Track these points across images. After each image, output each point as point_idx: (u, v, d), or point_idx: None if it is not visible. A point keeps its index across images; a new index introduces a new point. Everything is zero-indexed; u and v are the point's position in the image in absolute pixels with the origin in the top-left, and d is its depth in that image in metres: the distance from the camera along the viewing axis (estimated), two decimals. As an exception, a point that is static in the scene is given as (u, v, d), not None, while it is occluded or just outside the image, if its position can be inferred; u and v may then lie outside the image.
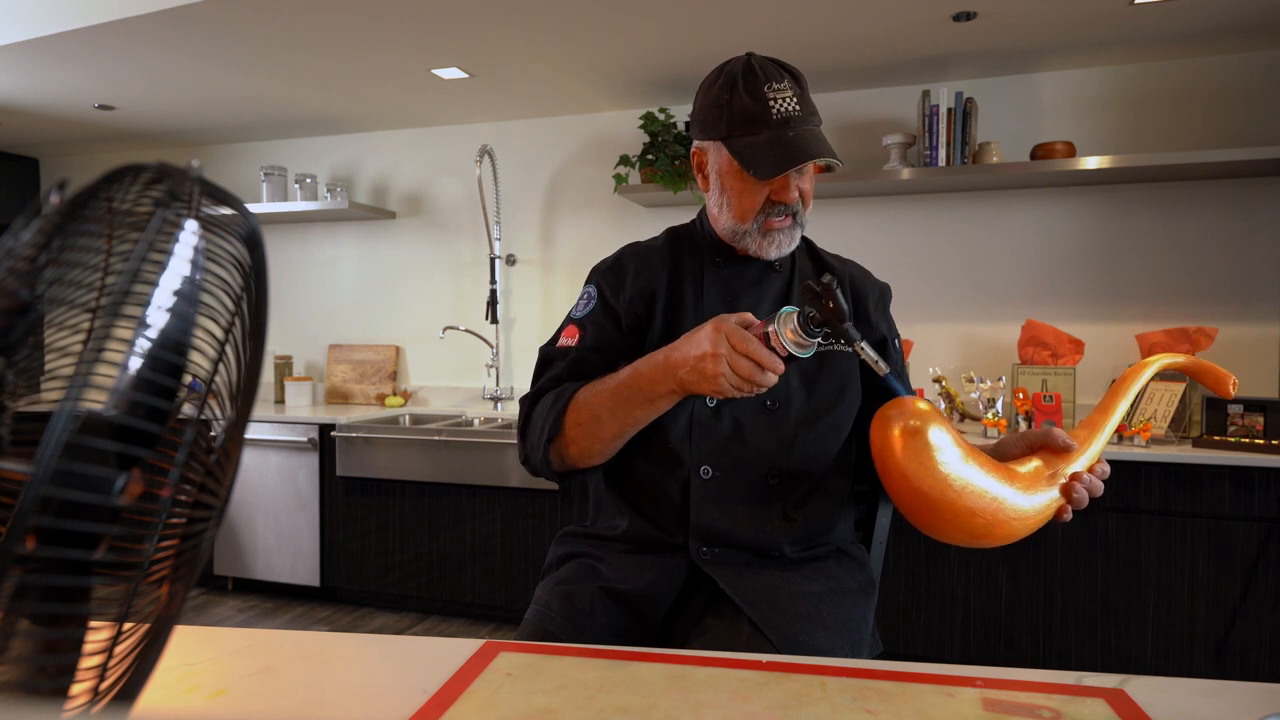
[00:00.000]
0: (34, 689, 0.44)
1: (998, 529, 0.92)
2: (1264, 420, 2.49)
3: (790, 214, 1.13)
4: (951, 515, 0.90)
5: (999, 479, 0.92)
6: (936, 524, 0.92)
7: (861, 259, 1.38)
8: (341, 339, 3.99)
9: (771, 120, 1.07)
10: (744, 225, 1.14)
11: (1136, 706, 0.71)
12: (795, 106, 1.08)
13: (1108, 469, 1.00)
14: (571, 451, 1.11)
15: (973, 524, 0.91)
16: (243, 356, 0.51)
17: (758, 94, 1.07)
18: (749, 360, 0.94)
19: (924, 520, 0.93)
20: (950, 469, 0.89)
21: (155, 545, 0.46)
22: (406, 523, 3.16)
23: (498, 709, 0.70)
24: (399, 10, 2.45)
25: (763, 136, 1.07)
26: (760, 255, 1.16)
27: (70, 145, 4.21)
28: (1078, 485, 0.95)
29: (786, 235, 1.14)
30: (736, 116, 1.08)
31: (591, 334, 1.18)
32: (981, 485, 0.91)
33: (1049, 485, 0.95)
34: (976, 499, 0.90)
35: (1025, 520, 0.93)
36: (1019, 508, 0.92)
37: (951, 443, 0.91)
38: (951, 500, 0.90)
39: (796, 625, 1.02)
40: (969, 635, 2.57)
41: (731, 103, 1.09)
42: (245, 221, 0.50)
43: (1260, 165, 2.59)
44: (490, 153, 3.56)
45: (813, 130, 1.09)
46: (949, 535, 0.93)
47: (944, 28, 2.55)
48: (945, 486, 0.89)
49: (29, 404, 0.47)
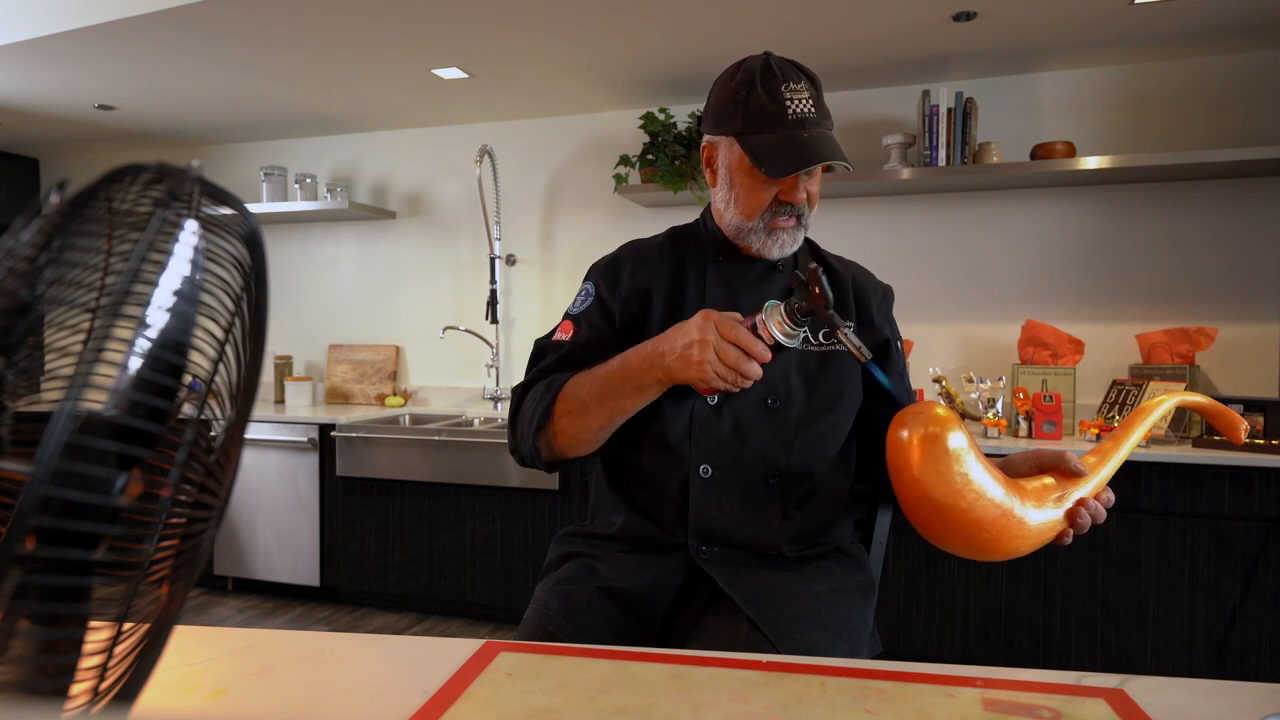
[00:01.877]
0: (34, 689, 0.44)
1: (1001, 544, 0.92)
2: (1264, 420, 2.49)
3: (796, 215, 1.13)
4: (959, 525, 0.90)
5: (1009, 494, 0.92)
6: (942, 532, 0.92)
7: (861, 259, 1.38)
8: (341, 339, 3.99)
9: (787, 120, 1.07)
10: (750, 223, 1.14)
11: (1136, 706, 0.71)
12: (810, 108, 1.08)
13: (1112, 497, 1.00)
14: (560, 440, 1.11)
15: (978, 537, 0.91)
16: (243, 356, 0.51)
17: (775, 93, 1.08)
18: (735, 348, 0.95)
19: (929, 526, 0.93)
20: (964, 479, 0.89)
21: (155, 545, 0.46)
22: (406, 523, 3.16)
23: (498, 709, 0.70)
24: (399, 10, 2.45)
25: (776, 135, 1.08)
26: (763, 254, 1.16)
27: (70, 145, 4.21)
28: (1083, 511, 0.96)
29: (790, 236, 1.15)
30: (752, 113, 1.09)
31: (585, 330, 1.18)
32: (992, 497, 0.91)
33: (1055, 506, 0.95)
34: (985, 511, 0.90)
35: (1028, 539, 0.93)
36: (1024, 525, 0.92)
37: (969, 452, 0.90)
38: (962, 510, 0.90)
39: (795, 624, 1.02)
40: (969, 635, 2.57)
41: (748, 99, 1.09)
42: (245, 221, 0.50)
43: (1260, 165, 2.59)
44: (490, 153, 3.56)
45: (825, 133, 1.10)
46: (952, 545, 0.94)
47: (944, 28, 2.55)
48: (958, 496, 0.89)
49: (29, 404, 0.47)
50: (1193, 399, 1.05)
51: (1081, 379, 2.92)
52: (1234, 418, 1.05)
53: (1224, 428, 1.05)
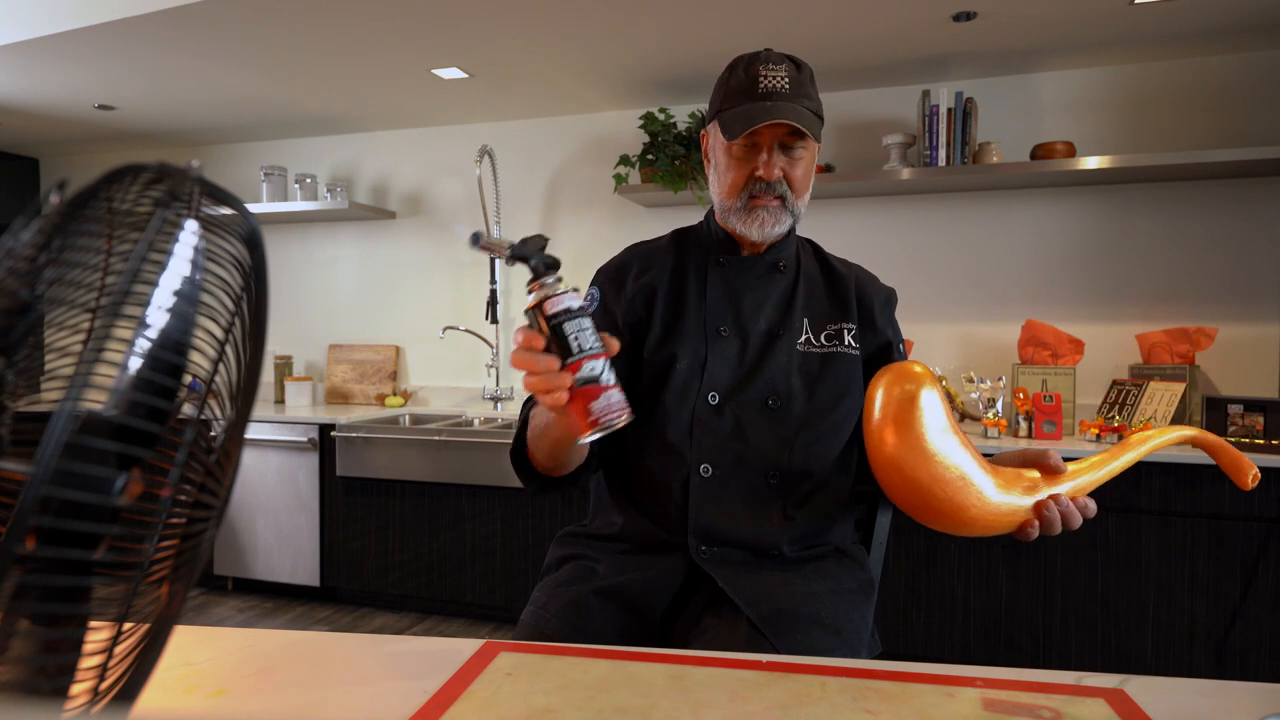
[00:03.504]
0: (34, 689, 0.44)
1: (956, 512, 0.89)
2: (1264, 420, 2.49)
3: (777, 196, 1.14)
4: (917, 482, 0.89)
5: (976, 465, 0.90)
6: (899, 486, 0.91)
7: (862, 259, 1.38)
8: (341, 339, 3.99)
9: (757, 93, 1.11)
10: (730, 202, 1.16)
11: (1136, 706, 0.71)
12: (784, 85, 1.11)
13: (1093, 508, 0.97)
14: (540, 466, 1.12)
15: (934, 495, 0.89)
16: (243, 356, 0.51)
17: (751, 72, 1.12)
18: (521, 350, 0.83)
19: (889, 480, 0.92)
20: (929, 435, 0.88)
21: (155, 545, 0.46)
22: (406, 523, 3.16)
23: (498, 709, 0.70)
24: (399, 10, 2.45)
25: (743, 107, 1.11)
26: (746, 236, 1.17)
27: (70, 145, 4.21)
28: (1051, 504, 0.93)
29: (771, 216, 1.14)
30: (730, 92, 1.14)
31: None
32: (955, 462, 0.89)
33: (1022, 494, 0.92)
34: (944, 472, 0.88)
35: (986, 514, 0.90)
36: (984, 498, 0.90)
37: (941, 412, 0.89)
38: (920, 465, 0.88)
39: (795, 625, 1.02)
40: (969, 635, 2.57)
41: (728, 81, 1.15)
42: (245, 221, 0.50)
43: (1260, 165, 2.59)
44: (490, 153, 3.56)
45: (793, 106, 1.10)
46: (908, 504, 0.92)
47: (944, 28, 2.55)
48: (919, 451, 0.88)
49: (29, 404, 0.47)
50: (1204, 437, 0.99)
51: (1081, 379, 2.92)
52: (1243, 462, 0.97)
53: (1232, 471, 0.98)
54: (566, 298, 0.83)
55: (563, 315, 0.82)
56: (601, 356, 0.83)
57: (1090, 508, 0.96)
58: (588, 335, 0.82)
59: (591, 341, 0.82)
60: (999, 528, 0.92)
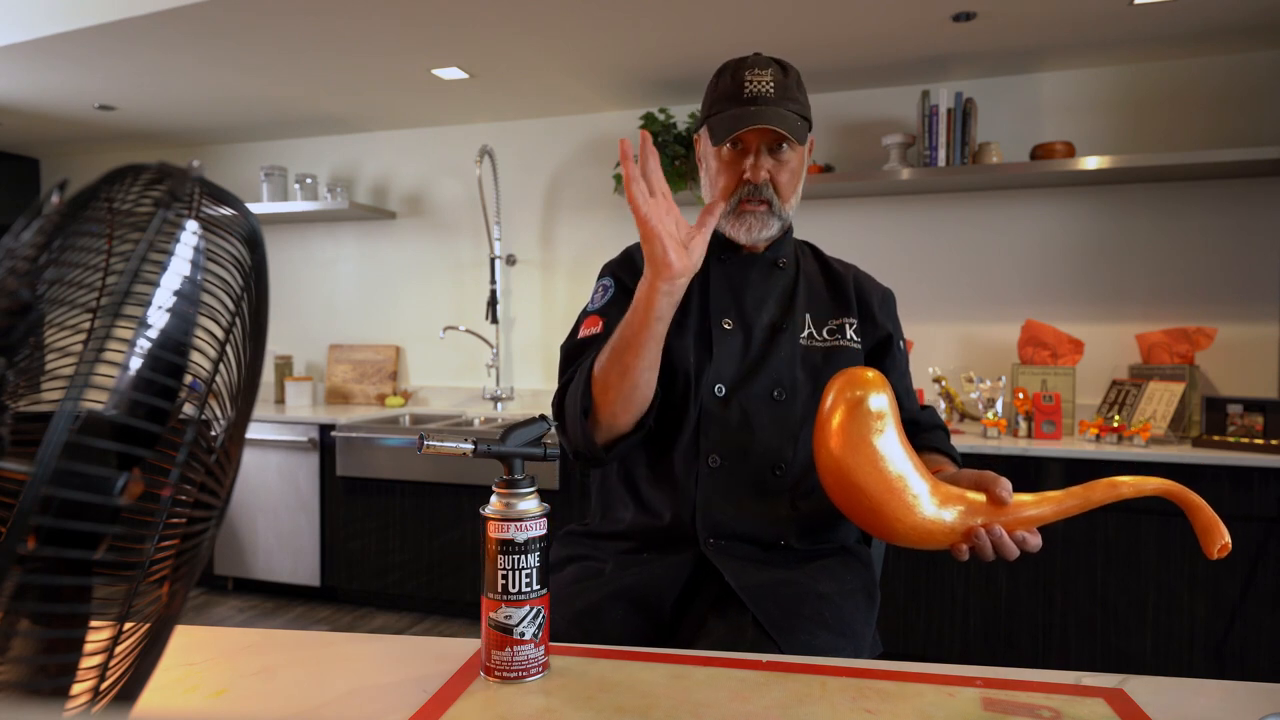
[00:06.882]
0: (34, 689, 0.44)
1: (888, 521, 0.89)
2: (1264, 420, 2.49)
3: (764, 200, 1.16)
4: (852, 483, 0.89)
5: (917, 475, 0.89)
6: (834, 487, 0.91)
7: (862, 259, 1.39)
8: (342, 339, 3.99)
9: (742, 98, 1.13)
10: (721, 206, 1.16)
11: (1136, 706, 0.71)
12: (769, 90, 1.13)
13: (1035, 543, 0.92)
14: (604, 418, 1.09)
15: (865, 497, 0.88)
16: (243, 356, 0.51)
17: (738, 77, 1.15)
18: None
19: (828, 482, 0.92)
20: (873, 439, 0.88)
21: (155, 545, 0.46)
22: (406, 523, 3.16)
23: (498, 709, 0.70)
24: (399, 10, 2.45)
25: (729, 111, 1.14)
26: (734, 238, 1.19)
27: (70, 145, 4.21)
28: (981, 533, 0.90)
29: (758, 220, 1.17)
30: (717, 98, 1.17)
31: (615, 319, 1.16)
32: (894, 470, 0.88)
33: (960, 516, 0.90)
34: (882, 477, 0.88)
35: (916, 527, 0.89)
36: (912, 511, 0.88)
37: (887, 421, 0.89)
38: (855, 467, 0.88)
39: (800, 626, 1.02)
40: (969, 635, 2.57)
41: (716, 86, 1.18)
42: (245, 222, 0.50)
43: (1260, 165, 2.59)
44: (490, 153, 3.56)
45: (778, 111, 1.12)
46: (842, 504, 0.92)
47: (944, 28, 2.55)
48: (858, 454, 0.88)
49: (29, 404, 0.47)
50: (1184, 494, 0.90)
51: (1081, 379, 2.92)
52: (1216, 530, 0.87)
53: (1202, 534, 0.88)
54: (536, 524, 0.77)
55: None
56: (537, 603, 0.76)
57: (1030, 542, 0.92)
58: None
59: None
60: (930, 542, 0.91)
